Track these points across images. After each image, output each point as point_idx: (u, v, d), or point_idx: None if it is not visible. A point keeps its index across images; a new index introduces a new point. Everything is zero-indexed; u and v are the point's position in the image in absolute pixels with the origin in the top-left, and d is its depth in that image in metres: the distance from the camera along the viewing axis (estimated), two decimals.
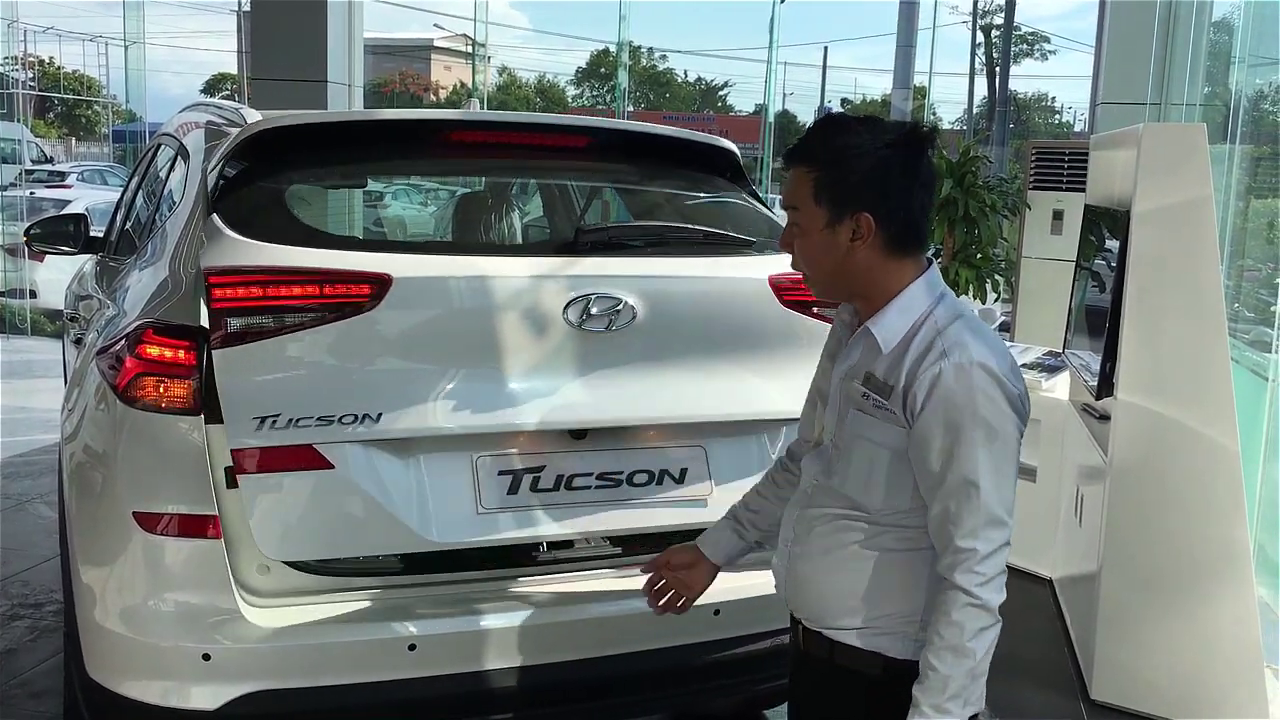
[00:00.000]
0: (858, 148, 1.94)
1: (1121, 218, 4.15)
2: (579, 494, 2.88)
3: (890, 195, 1.93)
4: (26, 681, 3.87)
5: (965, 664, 1.85)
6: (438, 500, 2.73)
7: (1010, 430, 1.88)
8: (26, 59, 28.51)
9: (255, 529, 2.58)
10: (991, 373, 1.86)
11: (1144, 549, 3.96)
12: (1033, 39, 41.58)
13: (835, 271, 1.99)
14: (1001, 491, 1.88)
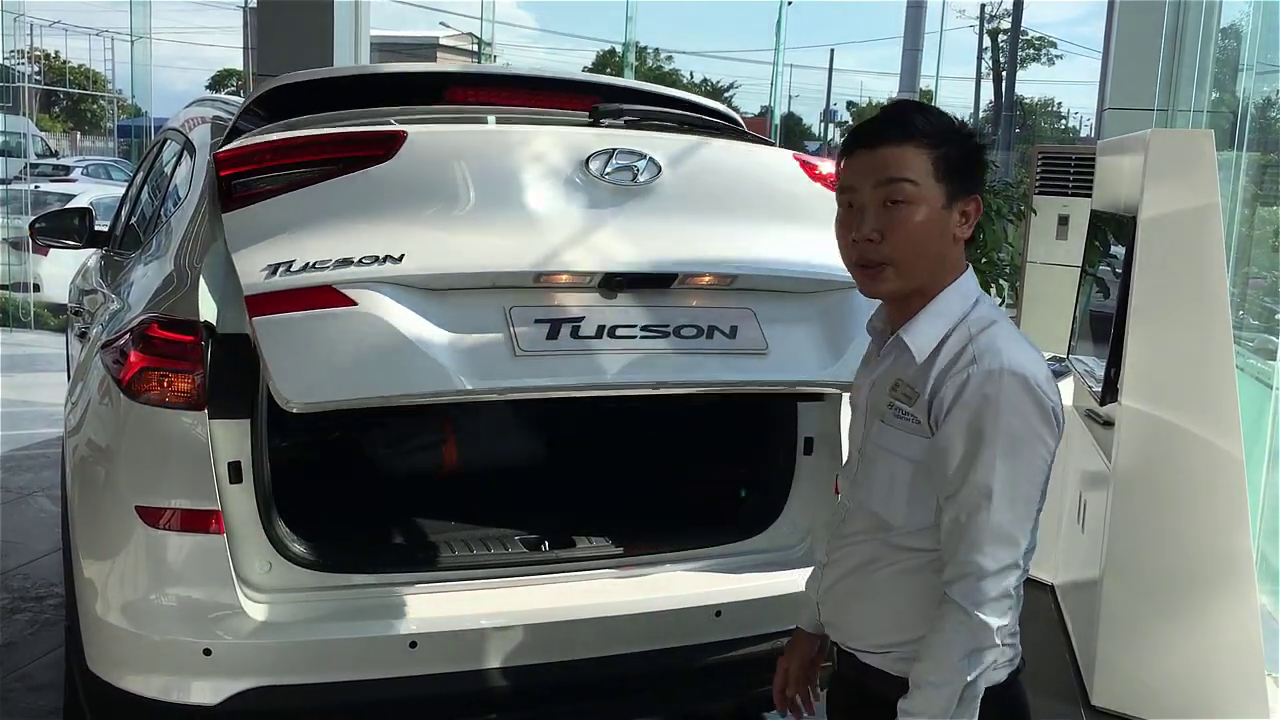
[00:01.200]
0: (969, 133, 1.88)
1: (1128, 223, 4.15)
2: (625, 343, 2.62)
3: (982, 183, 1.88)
4: (26, 675, 3.87)
5: (953, 684, 1.75)
6: (471, 343, 2.51)
7: (1036, 445, 1.76)
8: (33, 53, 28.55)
9: (275, 373, 2.35)
10: (1024, 381, 1.74)
11: (1146, 555, 3.95)
12: (1039, 44, 41.56)
13: (934, 256, 1.85)
14: (1017, 509, 1.76)
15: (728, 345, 2.70)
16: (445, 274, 2.53)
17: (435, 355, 2.45)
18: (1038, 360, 1.80)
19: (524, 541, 2.98)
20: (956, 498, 1.78)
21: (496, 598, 2.82)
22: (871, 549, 1.93)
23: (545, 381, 2.55)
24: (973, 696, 1.76)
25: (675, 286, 2.72)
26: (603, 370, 2.59)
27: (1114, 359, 4.05)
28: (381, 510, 3.28)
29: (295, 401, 2.35)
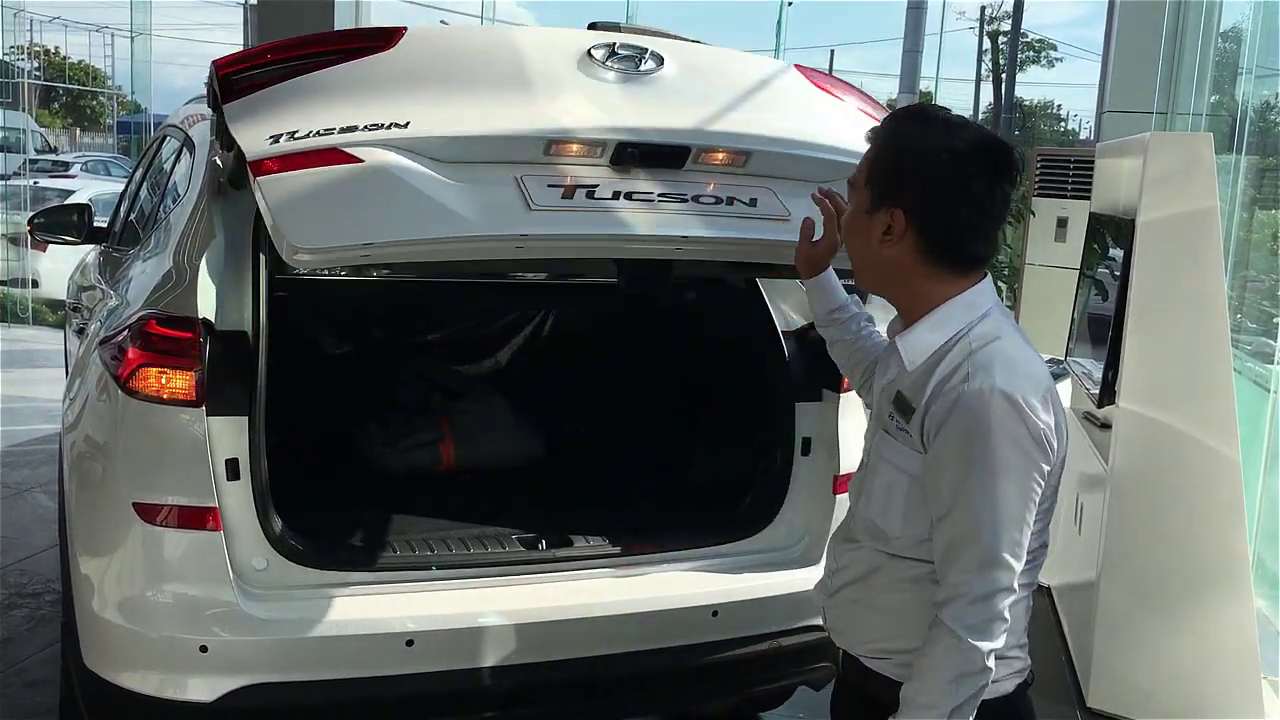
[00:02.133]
0: (918, 139, 1.82)
1: (1126, 226, 4.15)
2: (643, 204, 2.52)
3: (932, 201, 1.79)
4: (23, 670, 3.86)
5: (940, 707, 1.72)
6: (483, 198, 2.43)
7: (1026, 469, 1.71)
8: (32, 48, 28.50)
9: (280, 224, 2.25)
10: (1013, 402, 1.70)
11: (1143, 558, 3.95)
12: (1039, 46, 41.54)
13: (867, 262, 1.89)
14: (1009, 532, 1.72)
15: (749, 211, 2.61)
16: (452, 138, 2.45)
17: (446, 203, 2.37)
18: (1036, 380, 1.76)
19: (521, 540, 2.98)
20: (947, 519, 1.76)
21: (493, 596, 2.82)
22: (872, 557, 1.92)
23: (561, 231, 2.43)
24: (961, 716, 1.74)
25: (689, 166, 2.61)
26: (622, 224, 2.46)
27: (1112, 361, 4.05)
28: (379, 508, 3.28)
29: (302, 248, 2.23)
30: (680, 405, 3.97)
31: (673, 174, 2.58)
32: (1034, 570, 1.87)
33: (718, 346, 3.80)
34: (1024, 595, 1.85)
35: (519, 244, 2.39)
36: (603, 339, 4.29)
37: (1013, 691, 1.88)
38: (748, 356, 3.38)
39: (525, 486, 3.63)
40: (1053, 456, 1.76)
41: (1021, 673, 1.91)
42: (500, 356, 4.24)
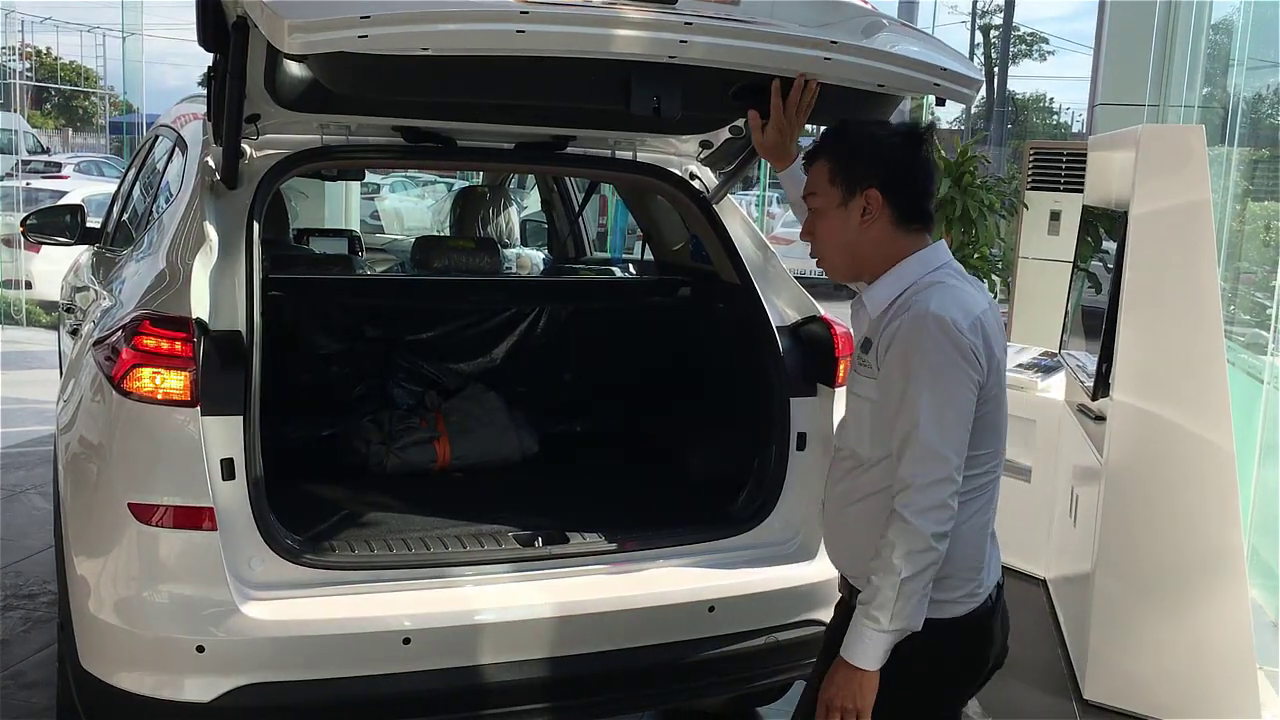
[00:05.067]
0: (865, 136, 2.21)
1: (1119, 219, 4.16)
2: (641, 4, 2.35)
3: (895, 173, 2.15)
4: (19, 673, 3.86)
5: (891, 579, 2.00)
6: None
7: (957, 375, 2.01)
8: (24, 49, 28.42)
9: (276, 3, 2.15)
10: (942, 322, 2.00)
11: (1138, 550, 3.96)
12: (1031, 39, 41.54)
13: (849, 248, 2.20)
14: (944, 430, 2.00)
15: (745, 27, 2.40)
16: None
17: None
18: (965, 308, 2.05)
19: (517, 538, 2.98)
20: (897, 426, 2.06)
21: (490, 594, 2.83)
22: (850, 482, 2.21)
23: (563, 10, 2.26)
24: (911, 592, 2.00)
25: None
26: (626, 13, 2.28)
27: (1105, 354, 4.06)
28: (375, 506, 3.28)
29: (298, 25, 2.10)
30: (675, 401, 3.98)
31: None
32: (984, 500, 2.15)
33: (712, 342, 3.80)
34: (976, 524, 2.13)
35: (520, 26, 2.21)
36: (597, 335, 4.30)
37: (962, 616, 2.13)
38: (742, 352, 3.39)
39: (521, 484, 3.63)
40: (981, 369, 2.03)
41: (973, 598, 2.14)
42: (495, 354, 4.23)
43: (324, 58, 2.24)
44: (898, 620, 2.01)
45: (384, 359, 4.11)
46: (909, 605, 2.01)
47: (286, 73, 2.79)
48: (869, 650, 2.03)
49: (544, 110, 3.09)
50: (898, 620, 2.01)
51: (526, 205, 8.19)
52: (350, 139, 3.25)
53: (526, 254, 5.38)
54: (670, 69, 2.33)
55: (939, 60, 2.47)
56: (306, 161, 3.18)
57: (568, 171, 4.99)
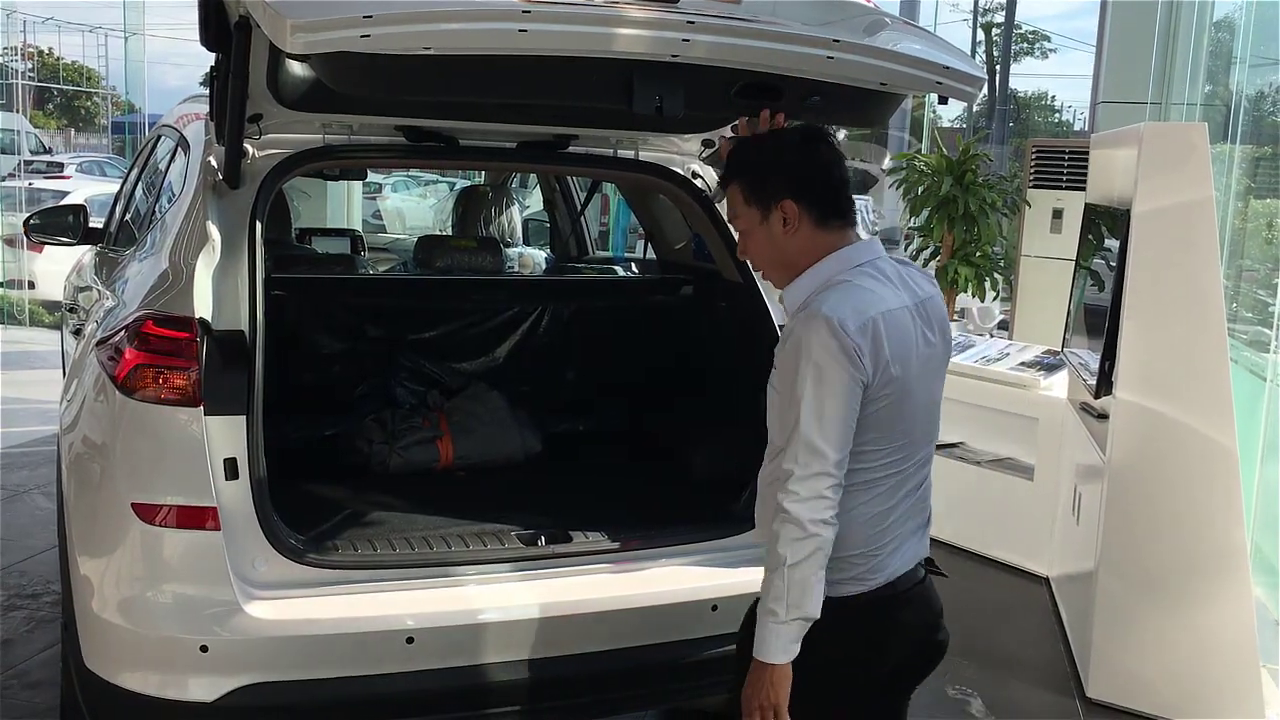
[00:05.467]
0: (766, 151, 2.29)
1: (1121, 217, 4.16)
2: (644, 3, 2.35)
3: (803, 179, 2.22)
4: (23, 672, 3.86)
5: (780, 569, 2.08)
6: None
7: (839, 374, 2.07)
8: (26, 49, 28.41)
9: (279, 4, 2.13)
10: (830, 323, 2.06)
11: (1141, 548, 3.96)
12: (1033, 37, 41.47)
13: (781, 259, 2.26)
14: (823, 426, 2.07)
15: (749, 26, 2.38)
16: None
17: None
18: (859, 310, 2.09)
19: (520, 537, 2.98)
20: (783, 421, 2.15)
21: (493, 593, 2.83)
22: (770, 467, 2.27)
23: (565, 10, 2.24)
24: (801, 580, 2.06)
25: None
26: (629, 13, 2.27)
27: (1108, 352, 4.06)
28: (378, 506, 3.28)
29: (300, 25, 2.09)
30: (678, 399, 3.97)
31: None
32: (880, 491, 2.18)
33: (715, 340, 3.80)
34: (866, 513, 2.17)
35: (523, 25, 2.20)
36: (599, 334, 4.30)
37: (850, 597, 2.18)
38: (745, 350, 3.38)
39: (524, 483, 3.63)
40: (865, 370, 2.08)
41: (860, 581, 2.19)
42: (498, 353, 4.23)
43: (326, 57, 2.24)
44: (794, 610, 2.07)
45: (387, 358, 4.11)
46: (802, 594, 2.07)
47: (289, 72, 2.79)
48: (772, 644, 2.09)
49: (546, 109, 3.09)
50: (794, 610, 2.07)
51: (529, 205, 8.19)
52: (352, 138, 3.26)
53: (529, 253, 5.38)
54: (673, 68, 2.33)
55: (941, 58, 2.47)
56: (309, 161, 3.18)
57: (570, 171, 4.99)
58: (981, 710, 3.98)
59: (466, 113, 3.16)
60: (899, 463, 2.20)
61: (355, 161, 4.26)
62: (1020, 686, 4.22)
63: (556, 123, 3.32)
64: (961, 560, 5.49)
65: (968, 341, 6.06)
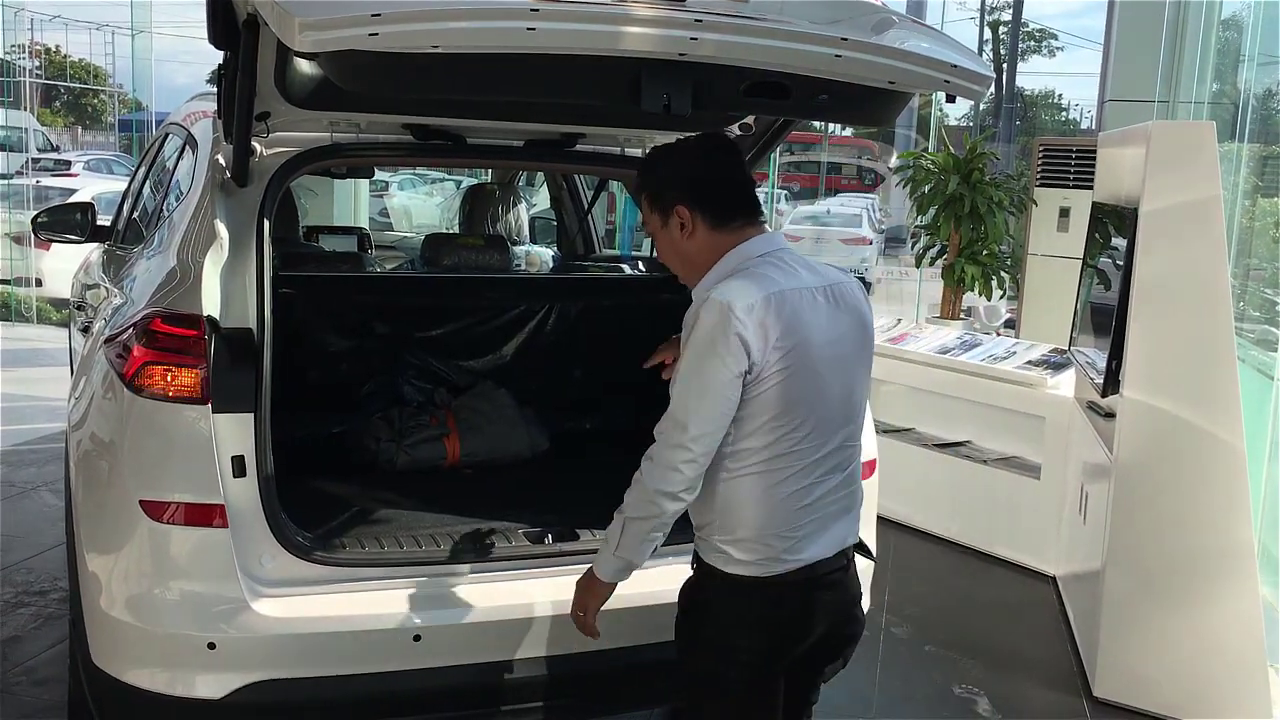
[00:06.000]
0: (660, 163, 2.46)
1: (1129, 215, 4.15)
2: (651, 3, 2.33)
3: (696, 186, 2.35)
4: (30, 669, 3.87)
5: (621, 514, 2.30)
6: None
7: (714, 356, 2.16)
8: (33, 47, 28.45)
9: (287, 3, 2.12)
10: (722, 307, 2.16)
11: (1148, 547, 3.95)
12: (1040, 36, 41.37)
13: (684, 259, 2.39)
14: (689, 402, 2.19)
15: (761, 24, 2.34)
16: None
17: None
18: (748, 295, 2.18)
19: (527, 534, 2.98)
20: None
21: (500, 591, 2.83)
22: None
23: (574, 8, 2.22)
24: (634, 532, 2.27)
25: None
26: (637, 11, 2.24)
27: (1115, 351, 4.05)
28: (385, 504, 3.29)
29: (309, 24, 2.07)
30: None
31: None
32: (789, 474, 2.23)
33: None
34: (778, 494, 2.23)
35: (531, 24, 2.18)
36: (606, 332, 4.29)
37: (768, 578, 2.24)
38: None
39: (531, 481, 3.63)
40: (744, 353, 2.15)
41: (778, 562, 2.24)
42: (505, 351, 4.23)
43: (334, 55, 2.24)
44: (621, 550, 2.31)
45: (394, 356, 4.12)
46: (629, 542, 2.29)
47: (297, 71, 2.79)
48: (601, 565, 2.37)
49: (553, 108, 3.09)
50: (621, 550, 2.31)
51: (535, 203, 8.18)
52: (360, 137, 3.26)
53: (536, 251, 5.38)
54: (680, 66, 2.32)
55: (949, 57, 2.47)
56: (316, 159, 3.19)
57: (577, 169, 4.99)
58: (988, 709, 3.98)
59: (474, 111, 3.16)
60: (810, 445, 2.25)
61: (363, 160, 4.26)
62: (1027, 685, 4.22)
63: (564, 121, 3.32)
64: (967, 559, 5.49)
65: (974, 340, 6.06)
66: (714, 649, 2.31)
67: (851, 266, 18.78)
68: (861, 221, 20.60)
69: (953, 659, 4.36)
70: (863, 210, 21.73)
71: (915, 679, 4.23)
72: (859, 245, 19.55)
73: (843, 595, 2.39)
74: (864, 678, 4.07)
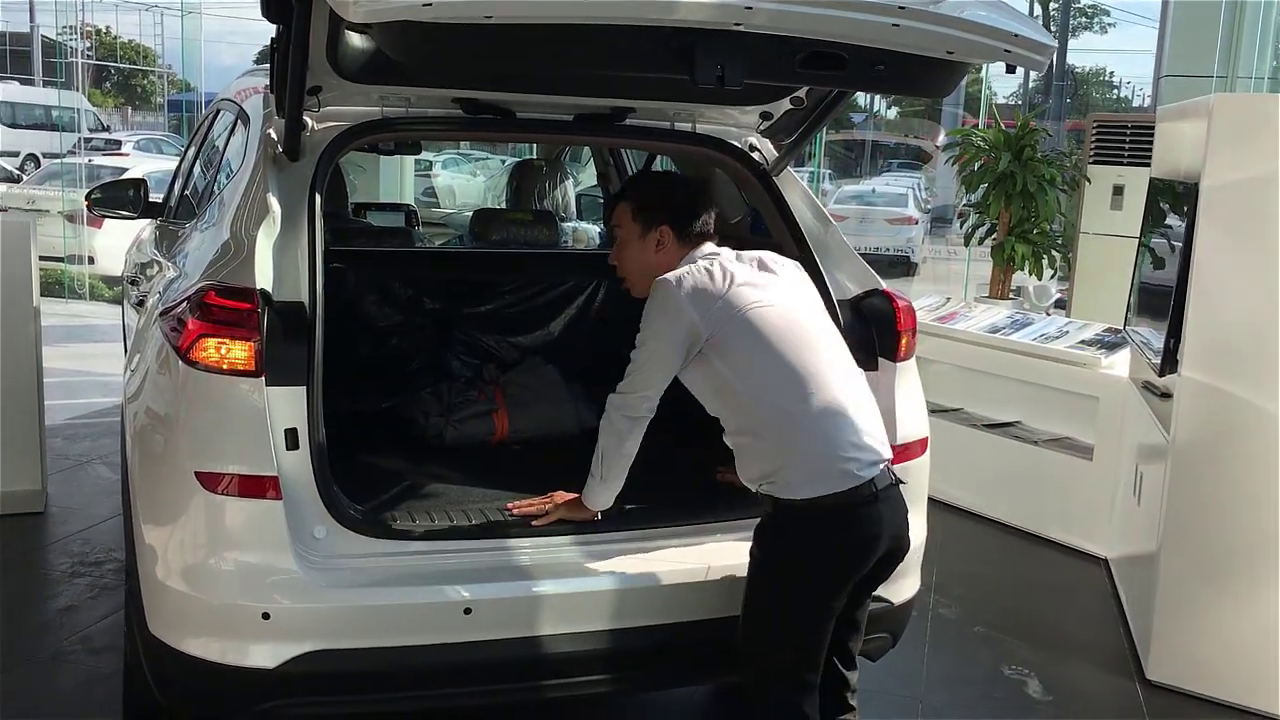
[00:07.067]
0: (658, 188, 3.11)
1: (1189, 192, 4.06)
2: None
3: (679, 213, 2.86)
4: (87, 638, 3.94)
5: (598, 445, 2.85)
6: None
7: (667, 322, 2.68)
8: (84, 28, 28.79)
9: None
10: (665, 283, 2.70)
11: (1206, 529, 3.88)
12: (1092, 11, 40.71)
13: (647, 269, 2.84)
14: (638, 356, 2.75)
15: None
16: None
17: None
18: (696, 276, 2.70)
19: None
20: None
21: (550, 565, 2.83)
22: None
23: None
24: (602, 462, 2.85)
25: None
26: None
27: (1174, 330, 3.97)
28: (434, 478, 3.30)
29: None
30: None
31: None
32: (800, 405, 2.59)
33: None
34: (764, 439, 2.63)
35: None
36: None
37: (789, 501, 2.58)
38: None
39: (579, 457, 3.62)
40: (692, 313, 2.65)
41: (771, 490, 2.60)
42: (553, 327, 4.23)
43: (387, 26, 2.24)
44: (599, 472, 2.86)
45: (442, 331, 4.12)
46: (602, 467, 2.86)
47: (348, 44, 2.79)
48: (589, 493, 2.89)
49: (603, 81, 3.07)
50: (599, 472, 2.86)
51: (580, 179, 8.17)
52: (410, 111, 3.25)
53: (583, 228, 5.37)
54: (735, 37, 2.29)
55: (1010, 25, 2.41)
56: (367, 134, 3.19)
57: (626, 144, 4.96)
58: (1039, 690, 3.93)
59: (524, 85, 3.14)
60: (803, 376, 2.61)
61: (413, 134, 4.26)
62: (1078, 667, 4.17)
63: (614, 95, 3.30)
64: (1016, 540, 5.43)
65: (1025, 319, 5.97)
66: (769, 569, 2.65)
67: (897, 246, 18.65)
68: (907, 201, 20.38)
69: (1002, 640, 4.31)
70: (908, 189, 21.51)
71: (965, 660, 4.19)
72: (905, 225, 19.36)
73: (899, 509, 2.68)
74: (913, 658, 4.04)
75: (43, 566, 4.59)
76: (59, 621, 4.07)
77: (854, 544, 2.61)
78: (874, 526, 2.60)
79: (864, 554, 2.62)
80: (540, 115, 3.41)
